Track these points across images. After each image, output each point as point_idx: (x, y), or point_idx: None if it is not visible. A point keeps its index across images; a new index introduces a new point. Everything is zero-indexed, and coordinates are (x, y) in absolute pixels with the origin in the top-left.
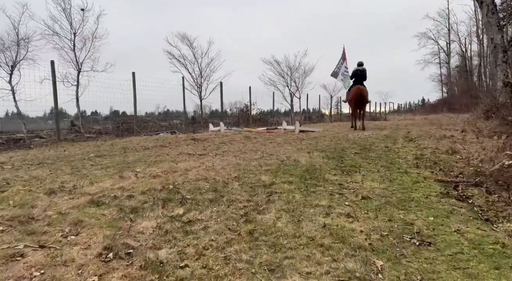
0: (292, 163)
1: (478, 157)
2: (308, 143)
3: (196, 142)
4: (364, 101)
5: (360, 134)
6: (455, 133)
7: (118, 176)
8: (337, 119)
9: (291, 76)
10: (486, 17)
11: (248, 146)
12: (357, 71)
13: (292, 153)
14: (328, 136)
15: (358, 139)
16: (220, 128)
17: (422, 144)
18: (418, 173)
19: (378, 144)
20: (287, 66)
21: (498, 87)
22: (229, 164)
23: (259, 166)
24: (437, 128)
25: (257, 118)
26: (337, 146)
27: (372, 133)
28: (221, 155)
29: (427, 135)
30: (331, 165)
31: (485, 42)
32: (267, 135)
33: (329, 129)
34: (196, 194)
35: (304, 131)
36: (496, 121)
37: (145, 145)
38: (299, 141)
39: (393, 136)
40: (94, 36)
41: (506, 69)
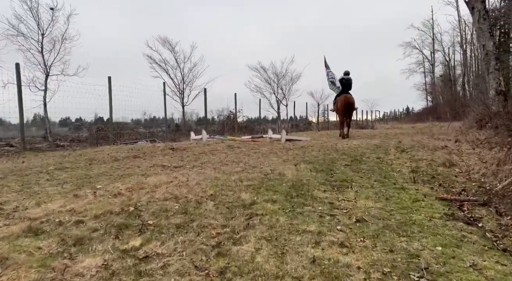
0: (277, 177)
1: (479, 171)
2: (295, 154)
3: (174, 152)
4: (352, 109)
5: (349, 144)
6: (449, 143)
7: (72, 194)
8: (324, 127)
9: (278, 83)
10: (477, 23)
11: (230, 157)
12: (343, 79)
13: (277, 165)
14: (316, 146)
15: (347, 149)
16: (202, 136)
17: (416, 155)
18: (417, 189)
19: (369, 154)
20: (273, 73)
21: (490, 95)
22: (206, 178)
23: (240, 181)
24: (429, 137)
25: (243, 125)
26: (326, 157)
27: (361, 142)
28: (199, 167)
29: (420, 145)
30: (320, 179)
31: (468, 52)
32: (252, 144)
33: (317, 138)
34: (161, 218)
35: (291, 140)
36: (490, 130)
37: (116, 156)
38: (285, 151)
39: (384, 146)
40: (64, 37)
41: (498, 77)
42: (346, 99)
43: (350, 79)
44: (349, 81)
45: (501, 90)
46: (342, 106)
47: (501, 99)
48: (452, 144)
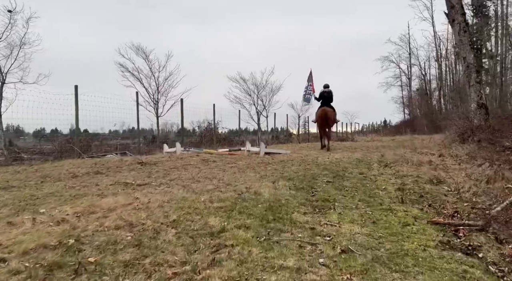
0: (252, 197)
1: (469, 189)
2: (274, 169)
3: (143, 167)
4: (330, 122)
5: (330, 158)
6: (433, 157)
7: (6, 221)
8: (305, 139)
9: (258, 94)
10: (458, 35)
11: (203, 172)
12: (324, 93)
13: (254, 182)
14: (296, 160)
15: (329, 163)
16: (176, 149)
17: (401, 170)
18: (405, 210)
19: (351, 169)
20: (253, 84)
21: (472, 109)
22: (172, 199)
23: (210, 202)
24: (412, 151)
25: (222, 137)
26: (306, 172)
27: (343, 156)
28: (167, 185)
29: (403, 160)
30: (300, 198)
31: (443, 66)
32: (229, 157)
33: (297, 151)
34: (106, 253)
35: (270, 153)
36: (473, 144)
37: (76, 172)
38: (263, 165)
39: (366, 160)
40: (23, 42)
41: (479, 90)
42: (323, 112)
43: (330, 91)
44: (329, 94)
45: (483, 103)
46: (319, 119)
47: (482, 112)
48: (436, 159)
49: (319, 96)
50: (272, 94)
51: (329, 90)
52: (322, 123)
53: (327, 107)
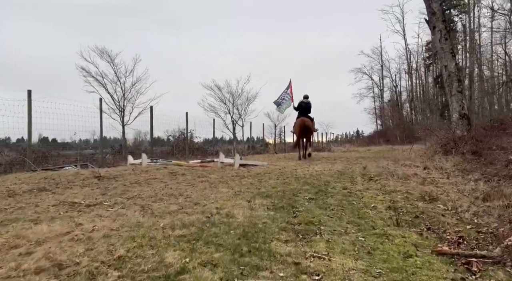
0: (224, 221)
1: (468, 208)
2: (250, 183)
3: (100, 182)
4: (308, 132)
5: (310, 170)
6: (418, 170)
7: None
8: (281, 149)
9: (233, 102)
10: (439, 43)
11: (169, 188)
12: (302, 103)
13: (227, 201)
14: (274, 173)
15: (309, 176)
16: (142, 161)
17: (387, 185)
18: (403, 236)
19: (334, 184)
20: (229, 92)
21: (454, 119)
22: (124, 225)
23: (171, 228)
24: (394, 163)
25: (196, 147)
26: (286, 187)
27: (323, 168)
28: (122, 206)
29: (387, 173)
30: (280, 221)
31: (414, 79)
32: (200, 170)
33: (274, 162)
34: None
35: (246, 165)
36: (457, 156)
37: (17, 189)
38: (238, 179)
39: (348, 172)
40: None
41: (461, 99)
42: (302, 122)
43: (309, 102)
44: (308, 105)
45: (465, 113)
46: (298, 129)
47: (465, 122)
48: (421, 172)
49: (298, 106)
50: (248, 103)
51: (307, 101)
52: (301, 133)
53: (306, 118)
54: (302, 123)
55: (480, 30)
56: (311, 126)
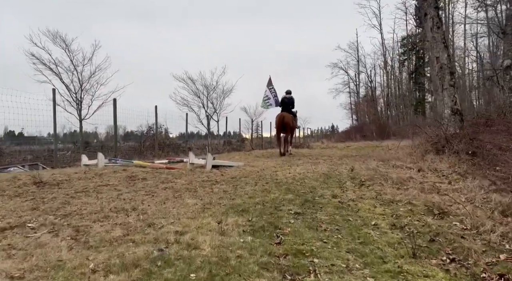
0: (183, 255)
1: (493, 228)
2: (223, 191)
3: (38, 191)
4: (287, 127)
5: (292, 172)
6: (412, 173)
7: None
8: (258, 145)
9: (208, 96)
10: (430, 32)
11: (121, 199)
12: (284, 98)
13: (192, 219)
14: (251, 176)
15: (292, 181)
16: (98, 161)
17: (383, 192)
18: (426, 275)
19: (321, 191)
20: (203, 85)
21: (445, 115)
22: (37, 266)
23: (105, 271)
24: (384, 164)
25: (167, 143)
26: (265, 197)
27: (306, 169)
28: (50, 228)
29: (379, 176)
30: (261, 253)
31: (389, 74)
32: (165, 173)
33: (252, 162)
34: None
35: (220, 166)
36: (451, 157)
37: None
38: (209, 185)
39: (335, 175)
40: None
41: (454, 94)
42: (281, 117)
43: (291, 97)
44: (290, 100)
45: (457, 109)
46: (277, 123)
47: (457, 119)
48: (416, 175)
49: (280, 101)
50: (224, 97)
51: (290, 96)
52: (279, 128)
53: (286, 113)
54: (281, 118)
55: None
56: (290, 121)
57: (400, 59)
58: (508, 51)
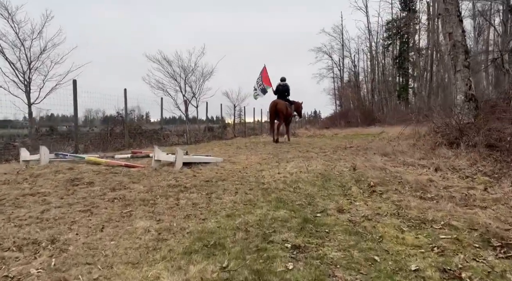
0: None
1: None
2: (191, 204)
3: None
4: (281, 114)
5: (281, 171)
6: (428, 172)
7: None
8: (241, 132)
9: (186, 79)
10: (443, 3)
11: (41, 221)
12: (279, 86)
13: (132, 269)
14: (231, 178)
15: (282, 186)
16: (41, 157)
17: (404, 203)
18: None
19: (322, 201)
20: (180, 67)
21: (458, 102)
22: None
23: None
24: (390, 160)
25: (138, 131)
26: (249, 215)
27: (298, 168)
28: None
29: (391, 179)
30: None
31: (373, 59)
32: (121, 174)
33: (233, 155)
34: None
35: (193, 163)
36: (467, 151)
37: None
38: (174, 195)
39: (334, 175)
40: None
41: (468, 77)
42: (273, 104)
43: (286, 85)
44: (285, 87)
45: (472, 94)
46: (269, 111)
47: (471, 106)
48: (435, 176)
49: (276, 89)
50: (203, 80)
51: (284, 83)
52: (272, 115)
53: (280, 100)
54: (274, 106)
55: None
56: (284, 108)
57: (384, 43)
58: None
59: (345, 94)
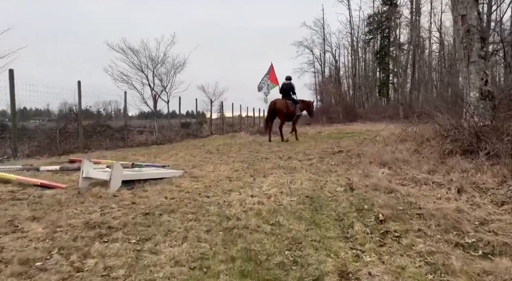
0: None
1: None
2: (102, 271)
3: None
4: (280, 114)
5: (256, 194)
6: (451, 195)
7: None
8: (219, 129)
9: (154, 70)
10: None
11: None
12: (283, 85)
13: None
14: (183, 208)
15: (256, 222)
16: None
17: (442, 262)
18: None
19: (314, 254)
20: (148, 57)
21: (471, 100)
22: None
23: None
24: (393, 173)
25: (98, 130)
26: None
27: (278, 186)
28: None
29: (406, 208)
30: None
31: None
32: (30, 198)
33: (199, 164)
34: None
35: (137, 181)
36: (490, 162)
37: None
38: (82, 248)
39: (326, 200)
40: None
41: (484, 70)
42: (272, 103)
43: (289, 83)
44: (288, 86)
45: (489, 91)
46: (268, 110)
47: (488, 105)
48: (460, 200)
49: (281, 88)
50: (175, 72)
51: (288, 82)
52: (269, 115)
53: (281, 99)
54: (273, 105)
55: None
56: (284, 108)
57: (365, 38)
58: None
59: (326, 89)
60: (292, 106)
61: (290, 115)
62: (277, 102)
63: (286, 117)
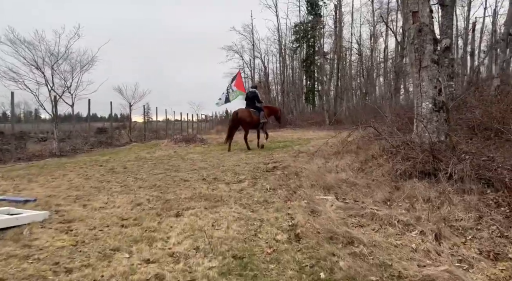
0: None
1: None
2: None
3: None
4: (243, 123)
5: (160, 260)
6: (428, 244)
7: None
8: (140, 135)
9: (54, 67)
10: None
11: None
12: (248, 93)
13: None
14: None
15: None
16: None
17: None
18: None
19: None
20: (46, 51)
21: (423, 111)
22: None
23: None
24: (345, 207)
25: None
26: None
27: (194, 236)
28: None
29: (378, 273)
30: None
31: (282, 62)
32: None
33: (88, 193)
34: None
35: None
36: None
37: None
38: None
39: (261, 262)
40: None
41: (437, 77)
42: (234, 113)
43: (253, 91)
44: (253, 94)
45: (442, 101)
46: (230, 120)
47: (442, 118)
48: (440, 252)
49: (246, 96)
50: (81, 70)
51: (253, 90)
52: (230, 126)
53: (243, 108)
54: (234, 115)
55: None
56: (246, 117)
57: (292, 46)
58: (447, 28)
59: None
60: (255, 115)
61: (254, 123)
62: (239, 111)
63: (249, 125)
